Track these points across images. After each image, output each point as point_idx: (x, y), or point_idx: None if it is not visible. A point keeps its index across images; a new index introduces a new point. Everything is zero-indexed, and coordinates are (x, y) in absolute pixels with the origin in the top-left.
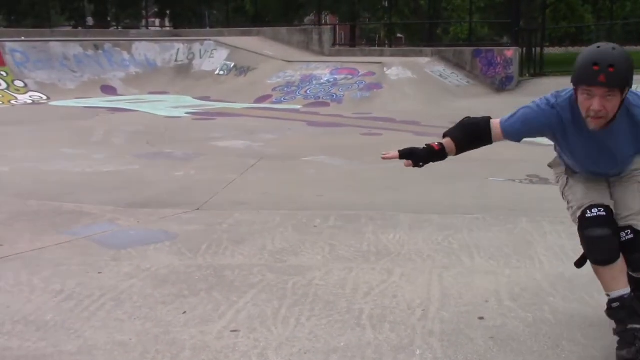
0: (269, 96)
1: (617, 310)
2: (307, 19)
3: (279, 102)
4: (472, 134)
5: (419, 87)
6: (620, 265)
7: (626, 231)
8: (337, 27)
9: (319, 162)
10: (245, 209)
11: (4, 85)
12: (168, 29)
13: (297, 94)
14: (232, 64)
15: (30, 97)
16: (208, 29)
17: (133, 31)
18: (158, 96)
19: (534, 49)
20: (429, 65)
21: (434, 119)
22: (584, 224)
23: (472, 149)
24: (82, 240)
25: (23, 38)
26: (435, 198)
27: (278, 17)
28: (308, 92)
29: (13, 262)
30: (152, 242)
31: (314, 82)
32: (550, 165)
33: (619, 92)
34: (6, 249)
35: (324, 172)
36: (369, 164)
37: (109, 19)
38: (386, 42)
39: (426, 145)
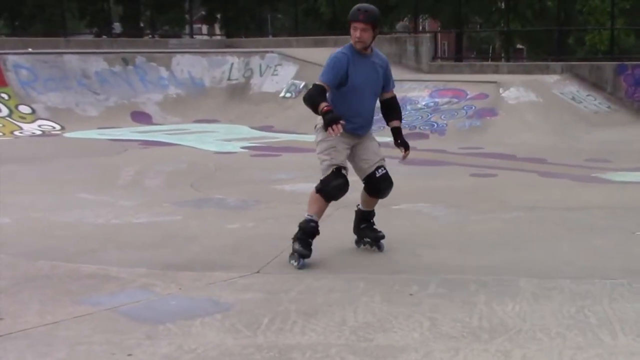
0: None
1: (313, 224)
2: (399, 25)
3: None
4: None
5: (545, 114)
6: None
7: (380, 169)
8: (439, 35)
9: (416, 211)
10: (320, 272)
11: (6, 112)
12: (219, 37)
13: None
14: (302, 84)
15: (39, 126)
16: (271, 37)
17: (173, 40)
18: (206, 125)
19: None
20: (557, 85)
21: (564, 156)
22: (337, 175)
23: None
24: (107, 312)
25: (30, 49)
26: (567, 258)
27: None
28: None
29: (16, 340)
30: (198, 314)
31: (409, 107)
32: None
33: (371, 27)
34: (8, 323)
35: (422, 224)
36: (480, 214)
37: (141, 24)
38: (502, 54)
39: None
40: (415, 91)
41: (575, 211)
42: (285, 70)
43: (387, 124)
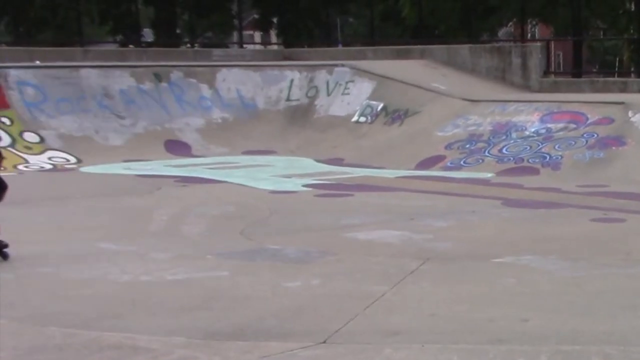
0: (441, 157)
1: None
2: (502, 32)
3: (457, 167)
4: None
5: None
6: None
7: None
8: (552, 44)
9: (523, 265)
10: (402, 342)
11: (7, 141)
12: (275, 47)
13: (487, 153)
14: (380, 105)
15: (49, 158)
16: (340, 47)
17: (218, 51)
18: (259, 157)
19: None
20: None
21: None
22: None
23: None
24: None
25: (38, 62)
26: None
27: (454, 29)
28: (504, 150)
29: None
30: None
31: (514, 135)
32: None
33: None
34: None
35: (530, 282)
36: (603, 268)
37: (178, 31)
38: (632, 68)
39: None
40: (522, 115)
41: None
42: (358, 88)
43: None
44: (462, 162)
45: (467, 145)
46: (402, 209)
